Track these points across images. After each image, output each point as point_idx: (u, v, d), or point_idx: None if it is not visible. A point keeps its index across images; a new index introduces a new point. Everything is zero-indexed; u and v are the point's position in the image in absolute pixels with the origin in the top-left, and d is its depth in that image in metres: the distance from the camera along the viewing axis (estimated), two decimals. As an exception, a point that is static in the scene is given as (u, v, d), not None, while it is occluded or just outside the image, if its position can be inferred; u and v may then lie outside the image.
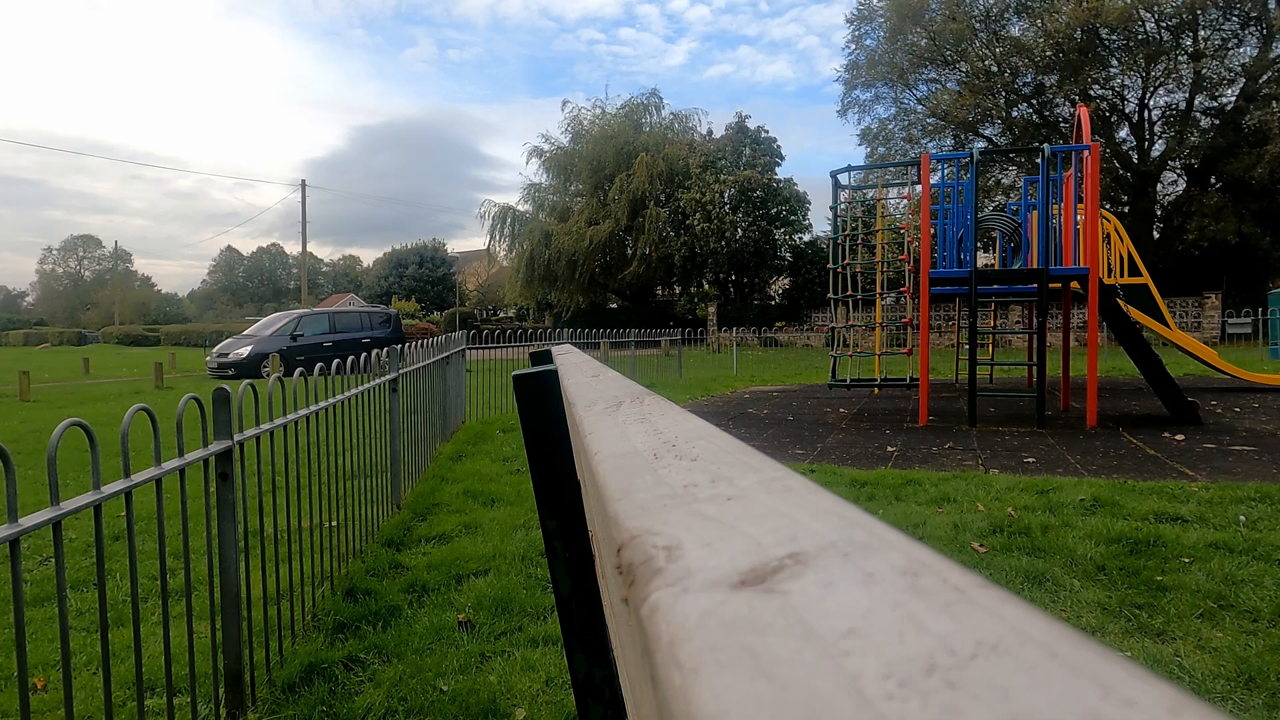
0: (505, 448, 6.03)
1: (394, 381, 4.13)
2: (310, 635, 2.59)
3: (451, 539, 3.64)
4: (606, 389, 0.59)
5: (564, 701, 2.15)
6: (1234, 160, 22.06)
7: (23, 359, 26.39)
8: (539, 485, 0.78)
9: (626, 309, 32.55)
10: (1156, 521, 3.55)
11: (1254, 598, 2.65)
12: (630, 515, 0.23)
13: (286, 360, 15.35)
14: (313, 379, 2.77)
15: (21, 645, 1.38)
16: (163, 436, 1.84)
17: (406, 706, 2.15)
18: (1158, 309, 8.87)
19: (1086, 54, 23.40)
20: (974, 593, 0.15)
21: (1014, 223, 8.81)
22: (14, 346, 49.79)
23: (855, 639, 0.13)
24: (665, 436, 0.36)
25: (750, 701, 0.12)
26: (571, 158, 30.55)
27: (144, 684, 1.79)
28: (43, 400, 11.46)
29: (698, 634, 0.15)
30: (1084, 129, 7.39)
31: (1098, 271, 6.66)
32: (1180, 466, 4.85)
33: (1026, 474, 4.70)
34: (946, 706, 0.11)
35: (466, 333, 7.81)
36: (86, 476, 1.69)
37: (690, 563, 0.18)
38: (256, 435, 2.33)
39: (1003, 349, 16.34)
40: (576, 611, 0.76)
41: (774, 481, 0.25)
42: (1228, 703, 2.06)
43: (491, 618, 2.70)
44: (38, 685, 2.31)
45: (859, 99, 28.76)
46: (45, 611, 2.87)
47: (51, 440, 1.49)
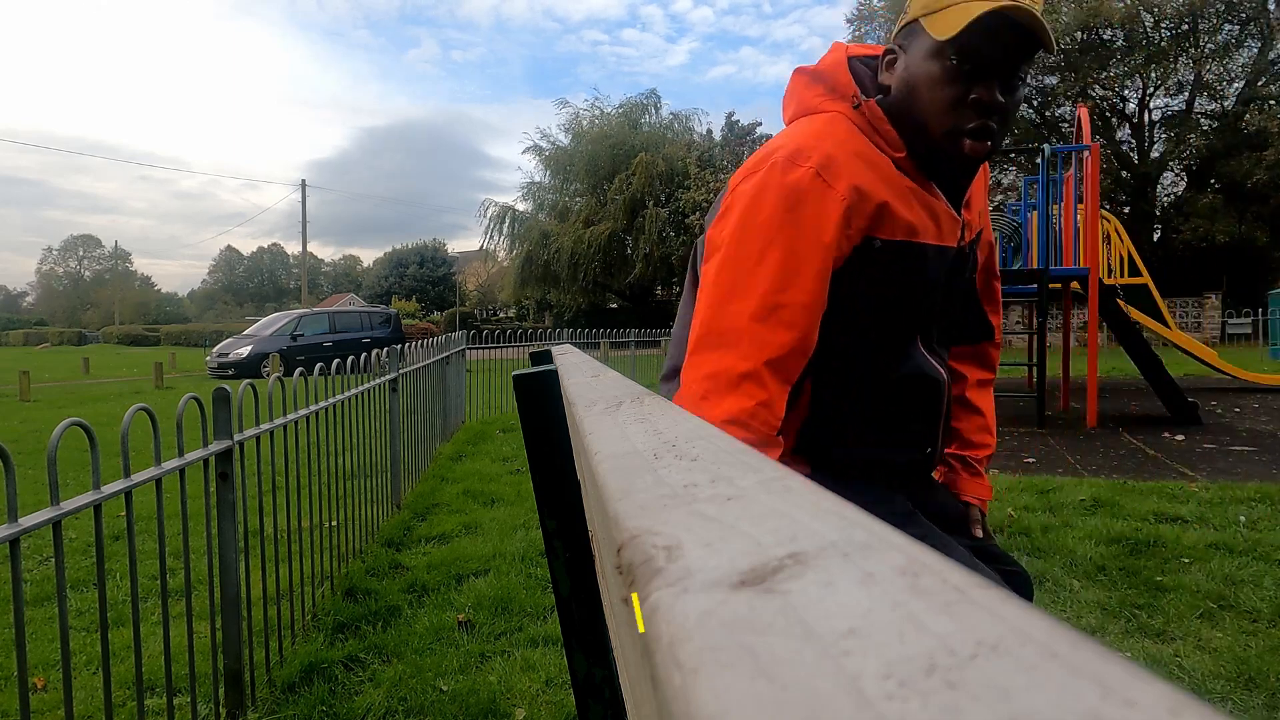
0: (505, 448, 6.03)
1: (394, 381, 4.13)
2: (310, 635, 2.60)
3: (451, 539, 3.64)
4: (606, 389, 0.59)
5: (564, 701, 2.15)
6: (1233, 163, 22.06)
7: (23, 359, 26.39)
8: (539, 485, 0.78)
9: (626, 309, 32.54)
10: (1156, 522, 3.55)
11: (1254, 598, 2.65)
12: (630, 515, 0.23)
13: (286, 360, 15.34)
14: (313, 379, 2.77)
15: (21, 645, 1.38)
16: (163, 436, 1.84)
17: (406, 706, 2.15)
18: (1158, 309, 8.87)
19: (1087, 54, 23.41)
20: (974, 593, 0.15)
21: (1014, 223, 8.81)
22: (14, 346, 49.78)
23: (855, 639, 0.13)
24: (665, 436, 0.36)
25: (750, 701, 0.12)
26: (570, 157, 30.52)
27: (144, 684, 1.79)
28: (43, 400, 11.46)
29: (698, 634, 0.15)
30: (1084, 129, 7.39)
31: (1098, 272, 6.66)
32: (1180, 467, 4.86)
33: (1026, 474, 4.70)
34: (946, 706, 0.11)
35: (466, 333, 7.80)
36: (86, 476, 1.69)
37: (690, 563, 0.18)
38: (256, 435, 2.33)
39: (1003, 349, 16.34)
40: (576, 611, 0.76)
41: (774, 481, 0.25)
42: (1228, 703, 2.06)
43: (491, 618, 2.70)
44: (38, 685, 2.31)
45: (859, 99, 28.72)
46: (45, 611, 2.87)
47: (51, 440, 1.49)
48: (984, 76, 1.01)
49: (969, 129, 1.03)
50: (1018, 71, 1.03)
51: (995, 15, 0.97)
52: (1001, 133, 1.05)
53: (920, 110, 1.05)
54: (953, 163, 1.09)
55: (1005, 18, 0.97)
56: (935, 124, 1.04)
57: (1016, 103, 1.06)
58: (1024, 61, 1.02)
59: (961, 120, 1.03)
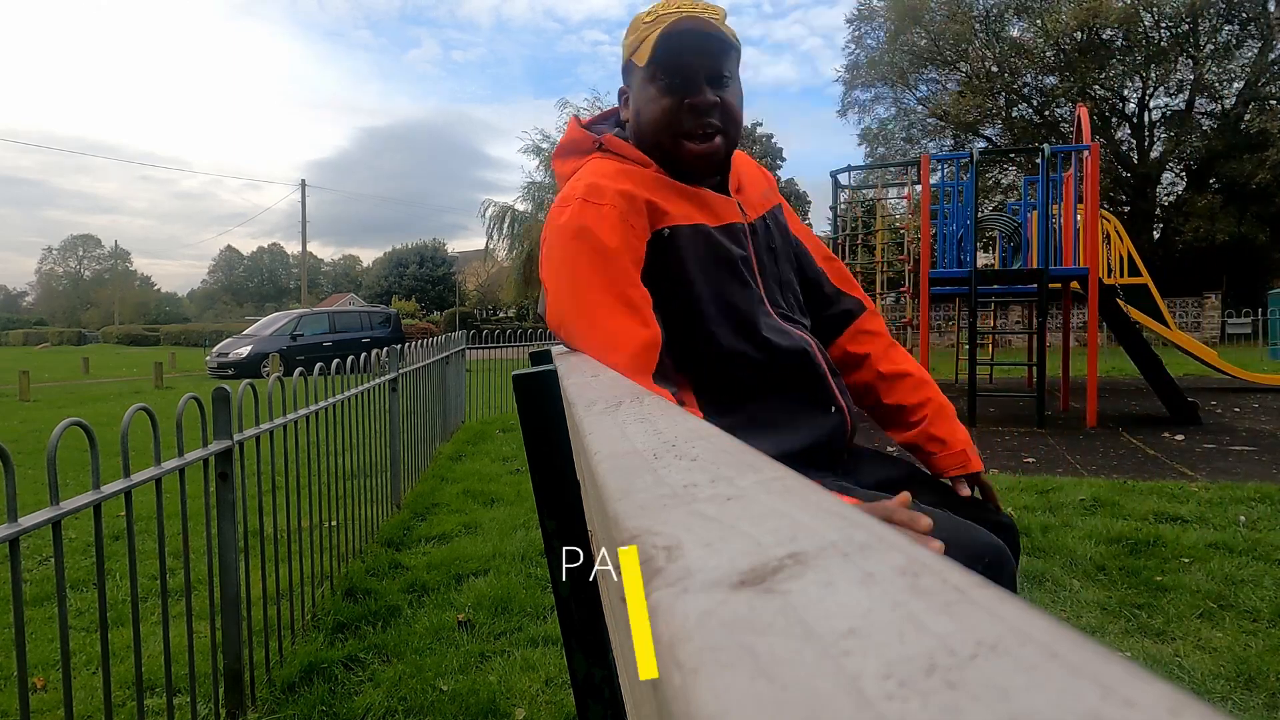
0: (505, 448, 6.03)
1: (394, 381, 4.13)
2: (310, 635, 2.60)
3: (451, 539, 3.64)
4: (606, 389, 0.59)
5: (564, 701, 2.15)
6: (1234, 163, 22.06)
7: (22, 359, 26.39)
8: (538, 485, 0.78)
9: (626, 309, 32.46)
10: (1156, 522, 3.55)
11: (1254, 598, 2.65)
12: (630, 515, 0.23)
13: (286, 360, 15.33)
14: (312, 379, 2.77)
15: (21, 645, 1.38)
16: (162, 436, 1.84)
17: (406, 706, 2.15)
18: (1157, 309, 8.87)
19: (1087, 54, 23.41)
20: (974, 593, 0.15)
21: (1014, 223, 8.81)
22: (14, 346, 49.77)
23: (855, 639, 0.13)
24: (665, 436, 0.36)
25: (750, 701, 0.12)
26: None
27: (144, 684, 1.79)
28: (42, 400, 11.46)
29: (698, 634, 0.15)
30: (1084, 129, 7.40)
31: (1097, 271, 6.66)
32: (1180, 466, 4.86)
33: (1026, 474, 4.70)
34: (946, 706, 0.11)
35: (466, 332, 7.80)
36: (86, 476, 1.69)
37: (690, 563, 0.18)
38: (256, 435, 2.33)
39: (1002, 349, 16.35)
40: (576, 611, 0.76)
41: (774, 481, 0.25)
42: (1227, 703, 2.06)
43: (491, 618, 2.70)
44: (38, 685, 2.31)
45: (859, 99, 28.74)
46: (45, 611, 2.87)
47: (51, 440, 1.49)
48: (690, 83, 1.15)
49: (688, 132, 1.16)
50: (720, 70, 1.16)
51: (672, 30, 1.12)
52: (729, 126, 1.18)
53: (649, 128, 1.20)
54: (694, 165, 1.19)
55: (683, 29, 1.12)
56: (663, 137, 1.18)
57: (733, 95, 1.18)
58: (719, 60, 1.15)
59: (682, 127, 1.16)
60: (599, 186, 1.14)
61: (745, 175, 1.33)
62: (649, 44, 1.14)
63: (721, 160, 1.22)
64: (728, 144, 1.20)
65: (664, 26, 1.13)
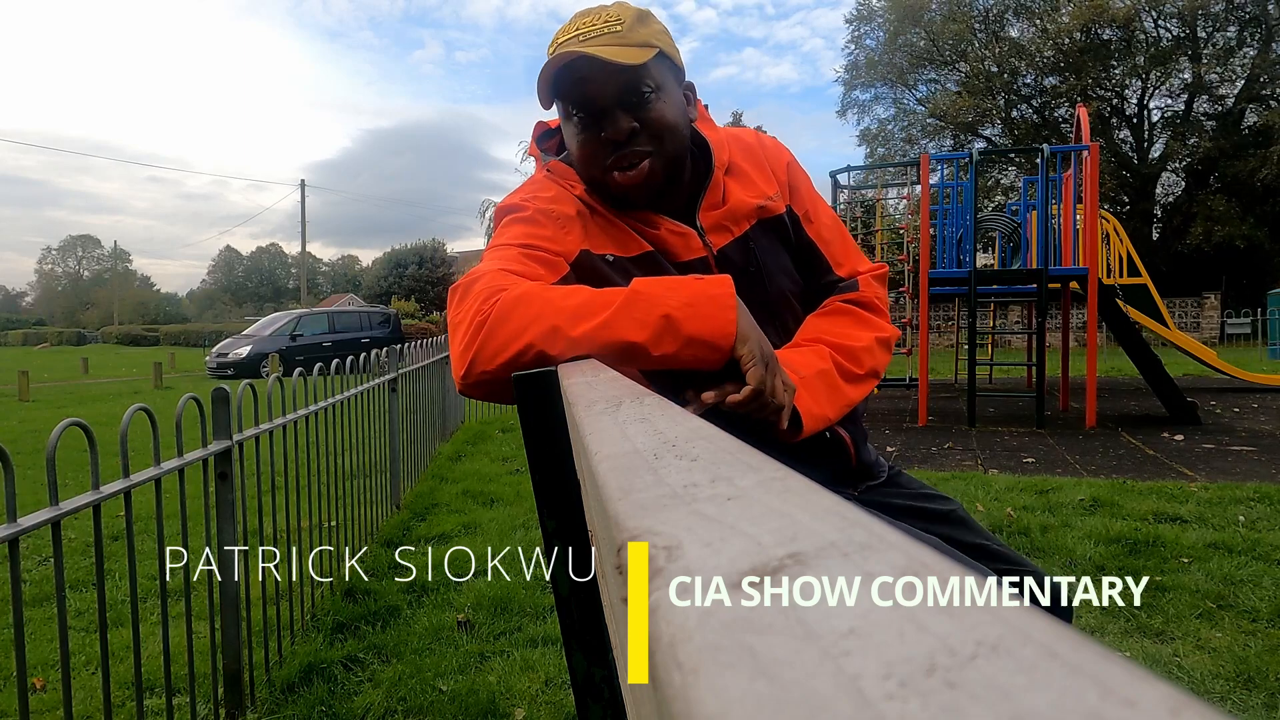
0: (505, 448, 6.03)
1: (393, 381, 4.13)
2: (309, 635, 2.59)
3: (451, 539, 3.64)
4: (606, 389, 0.59)
5: (564, 701, 2.15)
6: (1235, 163, 22.07)
7: (22, 359, 26.38)
8: (538, 485, 0.78)
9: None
10: (1156, 522, 3.55)
11: (1253, 598, 2.65)
12: (630, 515, 0.23)
13: (286, 360, 15.33)
14: (312, 379, 2.77)
15: (21, 645, 1.38)
16: (162, 436, 1.84)
17: (406, 706, 2.15)
18: (1157, 309, 8.87)
19: (1087, 54, 23.42)
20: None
21: (1013, 223, 8.81)
22: (13, 346, 49.75)
23: (855, 639, 0.13)
24: (665, 436, 0.36)
25: (750, 701, 0.12)
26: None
27: (143, 684, 1.79)
28: (42, 400, 11.46)
29: (698, 634, 0.15)
30: (1084, 129, 7.40)
31: (1097, 272, 6.66)
32: (1180, 466, 4.86)
33: (1026, 474, 4.70)
34: (946, 706, 0.11)
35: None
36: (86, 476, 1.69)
37: (690, 563, 0.18)
38: (256, 435, 2.33)
39: (1002, 349, 16.35)
40: (576, 611, 0.76)
41: (774, 481, 0.25)
42: (1227, 703, 2.06)
43: (491, 618, 2.70)
44: (37, 685, 2.31)
45: (858, 99, 28.76)
46: (44, 611, 2.87)
47: (51, 440, 1.49)
48: (602, 115, 1.06)
49: (611, 165, 1.08)
50: (628, 93, 1.06)
51: (560, 67, 1.03)
52: (660, 143, 1.08)
53: (579, 165, 1.13)
54: (630, 195, 1.11)
55: (570, 65, 1.03)
56: (593, 172, 1.11)
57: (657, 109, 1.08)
58: (621, 85, 1.05)
59: (605, 161, 1.08)
60: (533, 200, 1.13)
61: (738, 182, 1.20)
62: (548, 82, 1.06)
63: (660, 182, 1.11)
64: (664, 160, 1.09)
65: (554, 66, 1.03)
